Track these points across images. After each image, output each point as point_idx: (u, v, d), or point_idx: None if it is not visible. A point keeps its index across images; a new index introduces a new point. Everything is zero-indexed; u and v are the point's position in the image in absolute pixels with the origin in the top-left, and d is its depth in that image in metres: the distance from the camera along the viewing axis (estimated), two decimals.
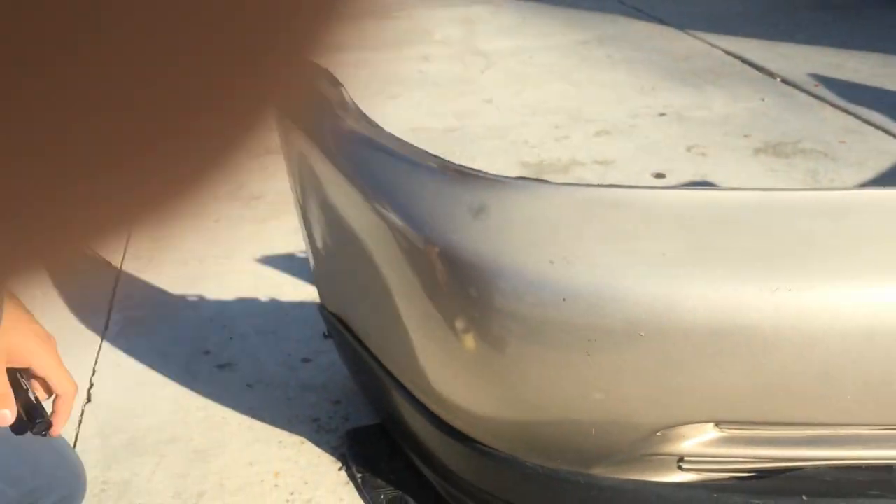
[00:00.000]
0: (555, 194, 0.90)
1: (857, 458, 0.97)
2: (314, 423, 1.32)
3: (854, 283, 0.82)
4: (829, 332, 0.82)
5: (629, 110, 2.76)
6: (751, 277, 0.83)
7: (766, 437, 0.96)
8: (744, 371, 0.85)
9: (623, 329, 0.85)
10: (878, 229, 0.84)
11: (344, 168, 1.09)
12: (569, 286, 0.85)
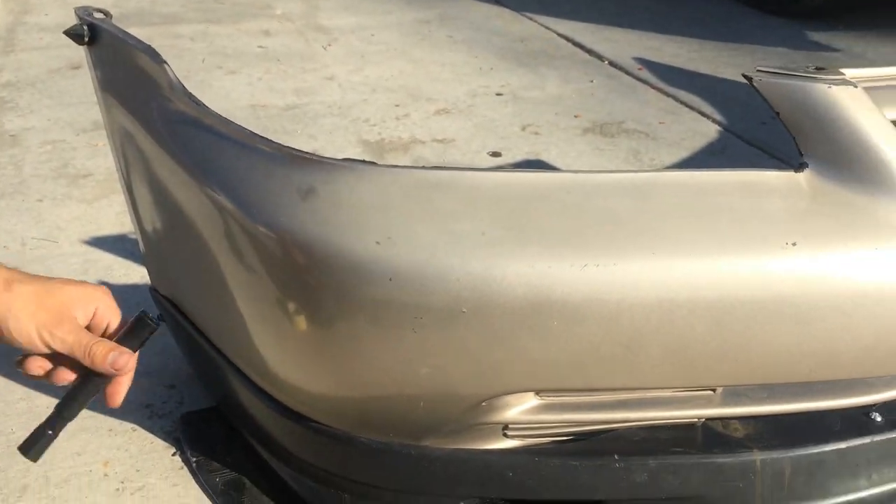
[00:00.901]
0: (381, 176, 0.92)
1: (664, 418, 1.06)
2: (147, 409, 1.29)
3: (654, 258, 0.89)
4: (632, 303, 0.89)
5: (468, 89, 2.82)
6: (562, 254, 0.89)
7: (582, 403, 1.03)
8: (558, 342, 0.91)
9: (446, 306, 0.89)
10: (675, 208, 0.92)
11: (170, 149, 1.07)
12: (394, 266, 0.88)
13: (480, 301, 0.88)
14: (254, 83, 2.89)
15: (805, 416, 1.09)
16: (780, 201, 0.93)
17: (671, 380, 0.99)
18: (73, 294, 0.81)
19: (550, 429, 1.05)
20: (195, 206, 1.04)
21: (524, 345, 0.91)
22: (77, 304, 0.81)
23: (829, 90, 0.94)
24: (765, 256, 0.90)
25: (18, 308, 0.77)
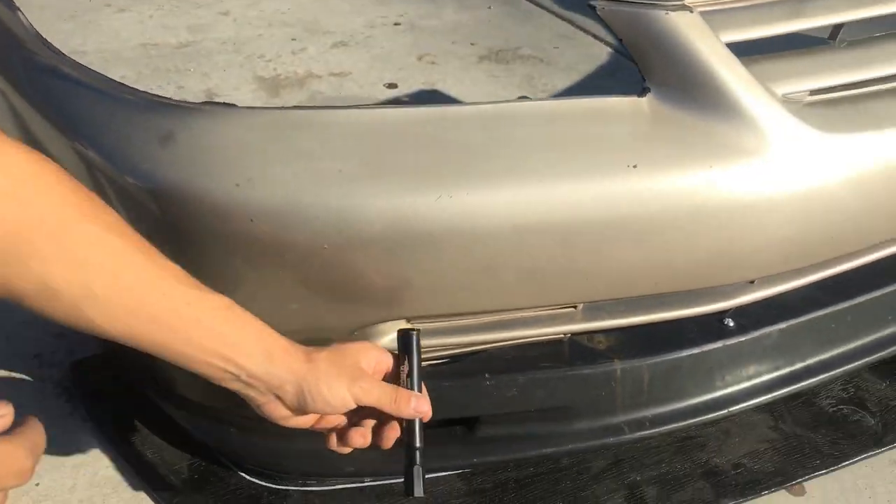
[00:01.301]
0: (239, 119, 0.94)
1: (531, 336, 1.12)
2: (36, 360, 1.30)
3: (505, 187, 0.93)
4: (487, 231, 0.94)
5: (366, 21, 2.80)
6: (418, 188, 0.92)
7: (452, 327, 1.08)
8: (420, 272, 0.96)
9: (308, 244, 0.92)
10: (525, 137, 0.96)
11: (35, 101, 1.06)
12: (254, 207, 0.90)
13: (341, 237, 0.92)
14: (145, 21, 2.80)
15: (664, 325, 1.17)
16: (623, 126, 0.98)
17: (532, 300, 1.05)
18: (356, 349, 0.86)
19: (424, 353, 1.10)
20: (58, 155, 1.04)
21: (387, 276, 0.95)
22: (362, 358, 0.86)
23: (667, 16, 0.98)
24: (609, 179, 0.95)
25: (326, 374, 0.82)
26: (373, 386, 0.84)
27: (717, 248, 1.03)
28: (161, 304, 0.76)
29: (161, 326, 0.77)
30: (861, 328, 1.30)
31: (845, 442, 1.19)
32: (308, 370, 0.82)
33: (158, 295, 0.76)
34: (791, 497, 1.15)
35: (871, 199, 1.08)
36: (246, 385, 0.81)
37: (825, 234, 1.09)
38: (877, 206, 1.08)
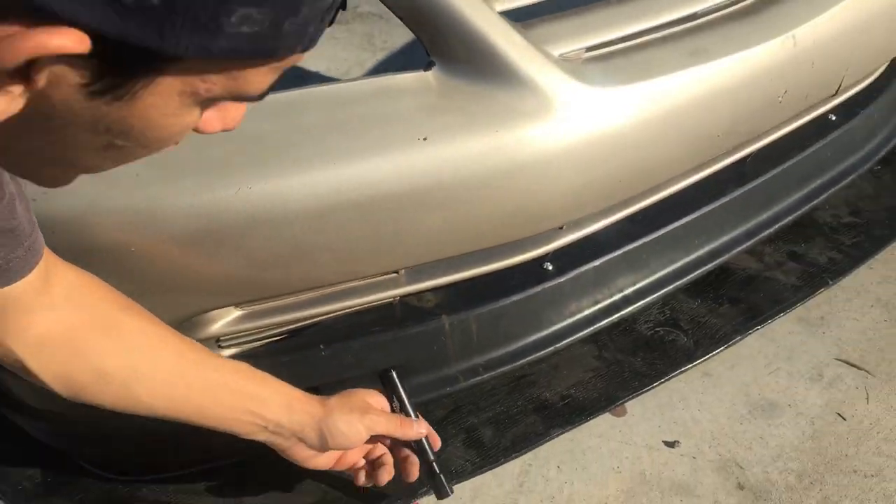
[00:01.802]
0: None
1: (361, 304, 1.18)
2: None
3: (302, 173, 0.98)
4: (291, 216, 0.98)
5: None
6: (216, 183, 0.95)
7: (282, 305, 1.13)
8: (233, 261, 0.99)
9: (114, 247, 0.94)
10: (317, 122, 1.00)
11: None
12: (53, 218, 0.92)
13: (146, 238, 0.94)
14: None
15: (488, 276, 1.25)
16: (411, 101, 1.03)
17: (351, 273, 1.11)
18: (362, 393, 1.03)
19: (260, 333, 1.15)
20: None
21: (200, 268, 0.99)
22: (368, 398, 1.03)
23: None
24: (402, 153, 1.00)
25: (340, 413, 0.97)
26: (381, 417, 1.00)
27: (517, 205, 1.11)
28: (194, 373, 0.91)
29: (196, 393, 0.91)
30: (671, 254, 1.42)
31: (661, 361, 1.31)
32: (325, 413, 0.97)
33: (191, 365, 0.91)
34: (614, 418, 1.27)
35: (652, 141, 1.17)
36: (273, 434, 0.96)
37: (616, 178, 1.18)
38: (658, 146, 1.18)
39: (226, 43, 0.41)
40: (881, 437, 1.22)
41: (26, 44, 0.38)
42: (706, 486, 1.16)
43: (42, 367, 0.83)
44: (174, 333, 0.92)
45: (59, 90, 0.42)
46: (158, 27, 0.39)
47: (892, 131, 1.75)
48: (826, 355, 1.36)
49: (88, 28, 0.38)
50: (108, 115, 0.44)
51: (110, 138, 0.47)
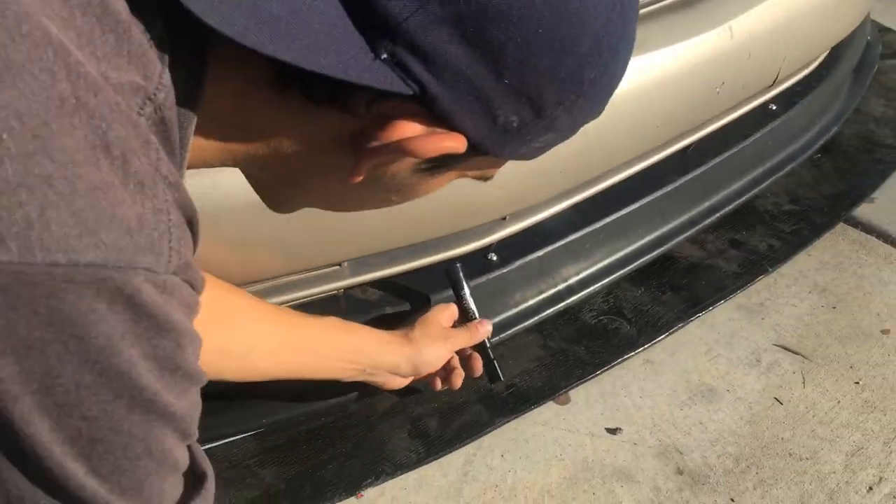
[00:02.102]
0: None
1: (306, 296, 1.18)
2: None
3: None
4: (230, 207, 0.97)
5: None
6: None
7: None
8: None
9: None
10: None
11: None
12: None
13: None
14: None
15: (438, 267, 1.25)
16: None
17: (293, 266, 1.10)
18: (434, 315, 1.13)
19: None
20: None
21: None
22: (441, 318, 1.14)
23: None
24: None
25: (425, 345, 1.10)
26: (458, 336, 1.14)
27: (458, 197, 1.11)
28: (297, 336, 1.03)
29: (302, 353, 1.03)
30: (615, 244, 1.43)
31: (604, 349, 1.33)
32: (412, 348, 1.09)
33: (294, 330, 1.03)
34: (558, 406, 1.28)
35: (591, 132, 1.18)
36: (371, 374, 1.10)
37: (557, 168, 1.19)
38: (597, 137, 1.19)
39: (525, 152, 0.55)
40: (816, 421, 1.25)
41: (438, 144, 0.51)
42: (646, 471, 1.18)
43: None
44: (270, 305, 1.04)
45: (401, 165, 0.54)
46: (505, 143, 0.52)
47: (831, 120, 1.79)
48: (764, 341, 1.39)
49: (467, 135, 0.51)
50: (412, 184, 0.57)
51: (392, 196, 0.59)
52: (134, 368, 0.43)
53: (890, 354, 1.35)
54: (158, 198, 0.44)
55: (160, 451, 0.46)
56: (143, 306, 0.42)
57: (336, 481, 1.13)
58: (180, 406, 0.47)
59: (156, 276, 0.43)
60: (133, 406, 0.44)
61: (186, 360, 0.46)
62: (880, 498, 1.14)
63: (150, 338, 0.43)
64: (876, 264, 1.54)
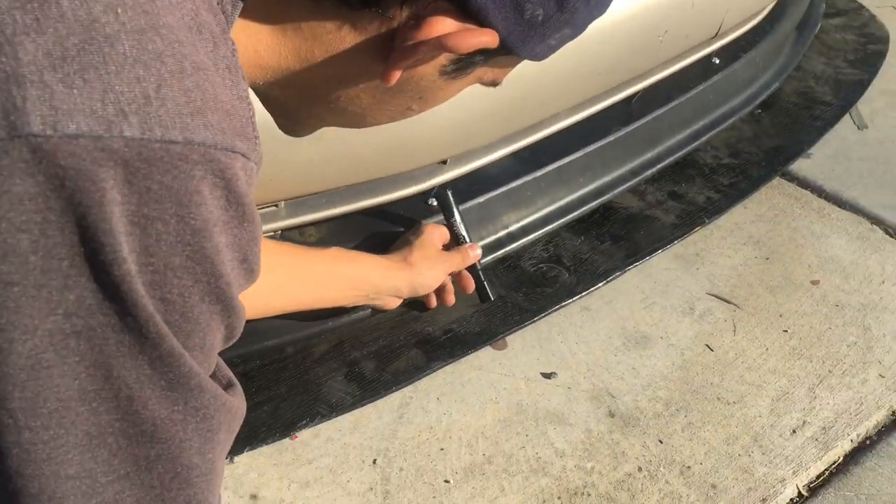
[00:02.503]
0: None
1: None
2: None
3: None
4: None
5: None
6: None
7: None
8: None
9: None
10: None
11: None
12: None
13: None
14: None
15: (373, 211, 1.24)
16: None
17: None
18: (429, 236, 1.18)
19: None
20: None
21: None
22: (435, 240, 1.18)
23: None
24: None
25: (423, 268, 1.15)
26: (453, 258, 1.19)
27: (396, 138, 1.10)
28: (304, 271, 1.06)
29: (310, 286, 1.07)
30: (556, 192, 1.44)
31: (543, 296, 1.34)
32: (412, 271, 1.13)
33: (300, 264, 1.06)
34: (495, 352, 1.29)
35: (533, 76, 1.17)
36: (374, 299, 1.14)
37: (497, 112, 1.18)
38: (539, 81, 1.19)
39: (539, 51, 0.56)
40: (745, 367, 1.28)
41: (473, 39, 0.51)
42: (579, 414, 1.21)
43: None
44: (275, 241, 1.07)
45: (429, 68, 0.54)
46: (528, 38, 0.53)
47: (773, 76, 1.81)
48: (699, 290, 1.42)
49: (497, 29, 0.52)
50: (435, 89, 0.57)
51: (413, 104, 0.59)
52: (218, 255, 0.43)
53: (818, 304, 1.39)
54: (240, 86, 0.45)
55: (209, 347, 0.46)
56: (237, 194, 0.42)
57: (270, 423, 1.13)
58: (238, 302, 0.47)
59: (247, 164, 0.43)
60: (206, 293, 0.44)
61: (255, 253, 0.47)
62: (803, 440, 1.18)
63: (234, 226, 0.44)
64: (809, 218, 1.58)
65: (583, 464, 1.14)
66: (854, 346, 1.31)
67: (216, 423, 0.47)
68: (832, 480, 1.14)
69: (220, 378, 0.51)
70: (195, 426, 0.45)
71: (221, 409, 0.47)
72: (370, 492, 1.10)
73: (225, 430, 0.49)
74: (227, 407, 0.48)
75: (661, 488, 1.11)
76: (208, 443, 0.47)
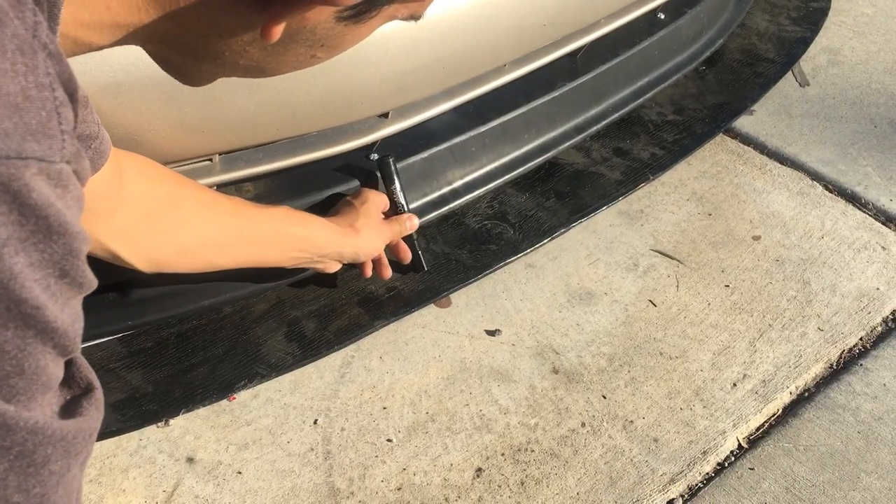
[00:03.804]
0: None
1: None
2: None
3: None
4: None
5: None
6: None
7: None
8: None
9: None
10: None
11: None
12: None
13: None
14: None
15: (310, 167, 1.20)
16: None
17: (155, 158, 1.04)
18: (372, 203, 1.16)
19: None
20: None
21: None
22: (380, 207, 1.18)
23: None
24: None
25: (368, 235, 1.13)
26: (392, 226, 1.18)
27: (334, 89, 1.06)
28: (251, 228, 1.02)
29: (255, 245, 1.03)
30: (501, 148, 1.42)
31: (487, 254, 1.32)
32: (358, 238, 1.12)
33: (247, 222, 1.02)
34: (438, 310, 1.28)
35: (475, 26, 1.15)
36: (317, 262, 1.12)
37: (439, 63, 1.15)
38: (482, 32, 1.16)
39: None
40: (687, 322, 1.29)
41: None
42: (523, 370, 1.20)
43: (131, 253, 0.90)
44: (223, 196, 1.02)
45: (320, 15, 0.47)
46: None
47: (717, 32, 1.80)
48: (642, 246, 1.41)
49: None
50: (336, 35, 0.50)
51: (317, 52, 0.52)
52: (15, 279, 0.37)
53: (759, 259, 1.40)
54: (40, 70, 0.37)
55: (33, 370, 0.40)
56: (33, 206, 0.36)
57: (207, 384, 1.10)
58: (63, 319, 0.40)
59: (50, 167, 0.37)
60: (8, 320, 0.37)
61: (76, 265, 0.40)
62: (743, 394, 1.19)
63: (37, 242, 0.37)
64: (751, 174, 1.59)
65: (527, 420, 1.14)
66: (794, 301, 1.33)
67: (40, 458, 0.41)
68: (771, 432, 1.15)
69: (78, 381, 0.45)
70: (7, 465, 0.39)
71: (46, 441, 0.41)
72: (311, 452, 1.08)
73: (59, 458, 0.42)
74: (59, 436, 0.42)
75: (605, 443, 1.11)
76: (31, 478, 0.40)
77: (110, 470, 1.04)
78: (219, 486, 1.04)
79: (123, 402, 1.07)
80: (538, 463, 1.09)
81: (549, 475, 1.08)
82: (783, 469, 1.10)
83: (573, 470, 1.08)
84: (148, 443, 1.08)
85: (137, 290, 1.12)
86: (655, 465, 1.09)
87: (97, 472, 1.04)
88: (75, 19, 0.45)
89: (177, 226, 0.95)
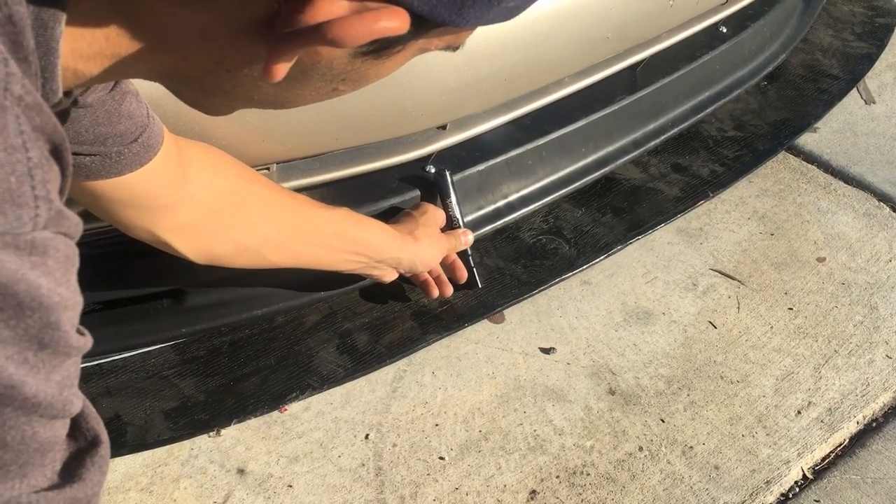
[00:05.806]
0: None
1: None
2: None
3: None
4: None
5: None
6: None
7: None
8: None
9: None
10: None
11: None
12: None
13: None
14: None
15: (368, 176, 1.19)
16: None
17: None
18: (431, 217, 1.15)
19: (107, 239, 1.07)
20: None
21: None
22: (438, 221, 1.16)
23: None
24: None
25: (425, 246, 1.11)
26: (450, 240, 1.17)
27: (395, 101, 1.05)
28: (311, 229, 1.01)
29: (314, 245, 1.02)
30: (558, 162, 1.39)
31: (542, 269, 1.29)
32: (416, 247, 1.10)
33: (308, 222, 1.00)
34: (492, 325, 1.25)
35: (538, 40, 1.12)
36: (374, 267, 1.09)
37: (500, 76, 1.13)
38: (545, 46, 1.13)
39: (494, 14, 0.43)
40: (749, 345, 1.25)
41: (369, 27, 0.39)
42: (578, 391, 1.17)
43: (187, 247, 0.89)
44: (287, 193, 1.01)
45: (334, 52, 0.43)
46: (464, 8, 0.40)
47: (780, 47, 1.76)
48: (702, 265, 1.38)
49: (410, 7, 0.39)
50: (357, 70, 0.46)
51: (338, 86, 0.48)
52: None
53: (824, 282, 1.36)
54: (10, 130, 0.34)
55: (17, 441, 0.38)
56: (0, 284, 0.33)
57: (259, 394, 1.09)
58: (47, 390, 0.38)
59: (17, 238, 0.34)
60: None
61: (56, 336, 0.37)
62: (808, 422, 1.15)
63: (7, 319, 0.35)
64: (815, 193, 1.54)
65: (582, 442, 1.11)
66: (860, 326, 1.28)
67: None
68: (837, 463, 1.11)
69: (84, 433, 0.43)
70: None
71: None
72: (362, 468, 1.06)
73: None
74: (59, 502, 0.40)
75: (663, 469, 1.08)
76: None
77: (161, 479, 1.04)
78: (269, 499, 1.02)
79: (176, 411, 1.07)
80: (594, 487, 1.06)
81: (606, 500, 1.04)
82: (850, 503, 1.06)
83: (630, 496, 1.05)
84: (199, 452, 1.07)
85: (191, 298, 1.12)
86: (716, 494, 1.05)
87: (148, 481, 1.03)
88: (74, 50, 0.42)
89: (238, 223, 0.93)
